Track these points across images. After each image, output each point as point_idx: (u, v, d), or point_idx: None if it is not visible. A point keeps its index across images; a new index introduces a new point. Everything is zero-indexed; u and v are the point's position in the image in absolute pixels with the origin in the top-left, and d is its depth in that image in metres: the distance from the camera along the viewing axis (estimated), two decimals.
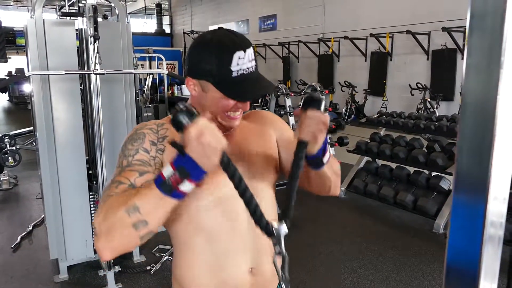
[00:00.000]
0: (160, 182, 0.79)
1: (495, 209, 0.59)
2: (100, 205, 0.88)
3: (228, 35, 0.96)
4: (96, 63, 2.56)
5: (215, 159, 0.78)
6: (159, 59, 9.85)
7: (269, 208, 1.10)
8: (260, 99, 11.44)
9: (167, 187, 0.78)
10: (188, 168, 0.77)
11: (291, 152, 1.02)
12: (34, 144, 3.61)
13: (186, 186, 0.79)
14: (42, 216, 3.94)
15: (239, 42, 0.95)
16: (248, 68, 0.95)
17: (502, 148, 0.56)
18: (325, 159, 1.00)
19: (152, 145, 0.98)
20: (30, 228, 3.90)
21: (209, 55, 0.95)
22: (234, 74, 0.94)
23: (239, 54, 0.94)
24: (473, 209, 0.59)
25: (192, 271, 1.03)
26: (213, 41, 0.96)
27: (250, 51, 0.96)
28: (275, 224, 0.86)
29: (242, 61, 0.94)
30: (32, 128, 4.44)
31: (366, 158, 4.90)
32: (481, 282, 0.60)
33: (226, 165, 0.81)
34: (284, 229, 0.86)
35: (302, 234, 3.78)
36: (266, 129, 1.15)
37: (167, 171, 0.78)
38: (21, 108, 15.19)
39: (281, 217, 0.88)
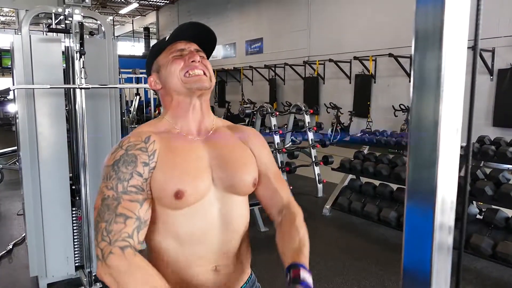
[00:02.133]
0: None
1: (443, 214, 0.63)
2: (101, 228, 0.94)
3: None
4: (81, 77, 2.59)
5: None
6: (146, 80, 9.96)
7: (242, 214, 1.12)
8: (247, 120, 11.53)
9: None
10: None
11: (263, 175, 1.14)
12: (17, 163, 3.58)
13: None
14: (23, 235, 3.87)
15: None
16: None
17: (446, 157, 0.61)
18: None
19: (144, 166, 1.00)
20: (10, 247, 3.82)
21: (150, 51, 1.17)
22: (168, 37, 1.12)
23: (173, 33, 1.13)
24: (423, 216, 0.64)
25: (159, 270, 1.02)
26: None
27: None
28: None
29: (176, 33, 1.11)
30: (15, 148, 4.39)
31: (350, 176, 4.96)
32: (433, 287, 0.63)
33: None
34: None
35: None
36: (247, 143, 1.17)
37: None
38: (5, 130, 14.98)
39: None
